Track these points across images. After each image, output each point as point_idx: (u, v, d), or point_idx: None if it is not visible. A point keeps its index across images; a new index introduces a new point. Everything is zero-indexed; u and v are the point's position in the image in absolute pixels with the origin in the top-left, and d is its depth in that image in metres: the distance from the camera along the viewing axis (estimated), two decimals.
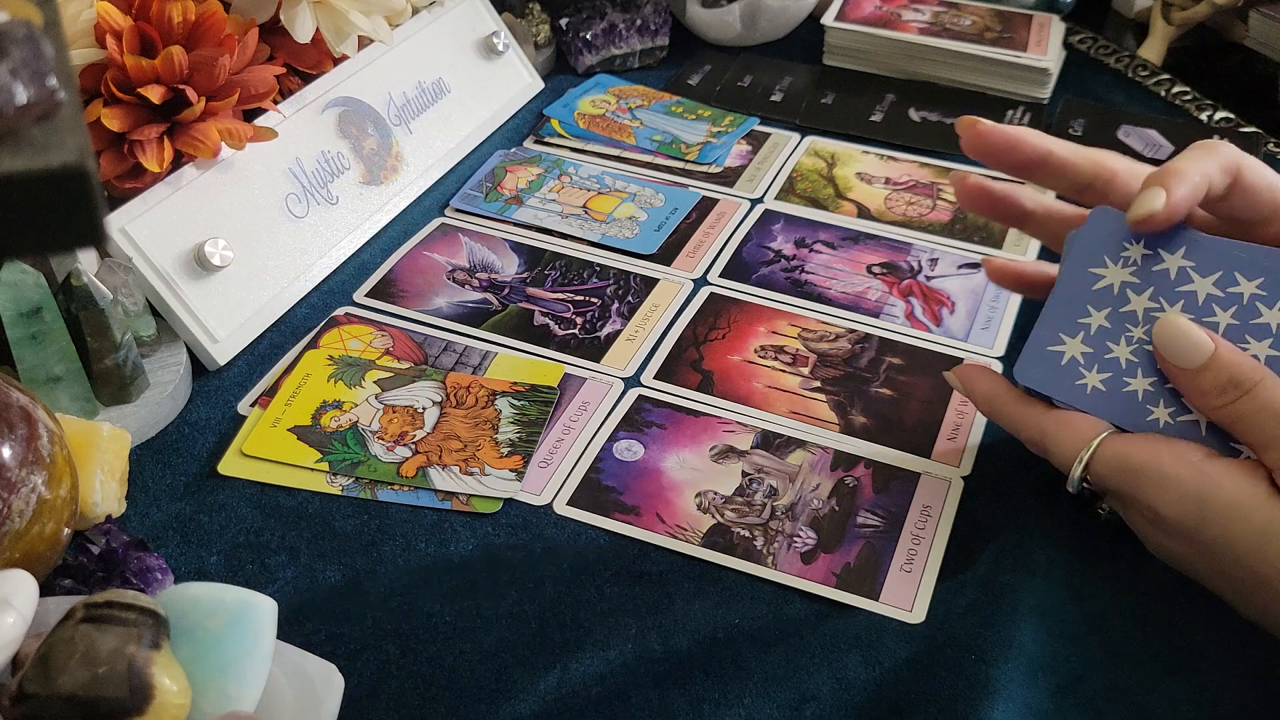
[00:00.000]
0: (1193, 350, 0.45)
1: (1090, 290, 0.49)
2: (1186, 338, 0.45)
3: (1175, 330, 0.46)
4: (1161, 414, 0.47)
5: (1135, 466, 0.46)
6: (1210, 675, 0.46)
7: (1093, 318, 0.48)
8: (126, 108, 0.59)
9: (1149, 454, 0.46)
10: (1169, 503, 0.45)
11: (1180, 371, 0.46)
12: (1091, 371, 0.48)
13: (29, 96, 0.26)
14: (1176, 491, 0.45)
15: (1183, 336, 0.45)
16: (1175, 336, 0.45)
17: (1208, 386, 0.45)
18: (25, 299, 0.52)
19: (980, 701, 0.44)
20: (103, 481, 0.51)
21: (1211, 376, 0.45)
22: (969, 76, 0.86)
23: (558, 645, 0.48)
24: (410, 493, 0.54)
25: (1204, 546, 0.45)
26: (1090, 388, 0.48)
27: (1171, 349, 0.46)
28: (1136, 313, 0.48)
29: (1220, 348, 0.45)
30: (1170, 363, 0.46)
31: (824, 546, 0.52)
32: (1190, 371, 0.45)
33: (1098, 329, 0.48)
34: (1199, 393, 0.45)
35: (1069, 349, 0.49)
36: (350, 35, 0.68)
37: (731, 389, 0.60)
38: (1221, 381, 0.44)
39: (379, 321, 0.65)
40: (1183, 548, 0.46)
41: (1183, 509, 0.44)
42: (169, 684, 0.37)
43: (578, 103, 0.84)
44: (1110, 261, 0.48)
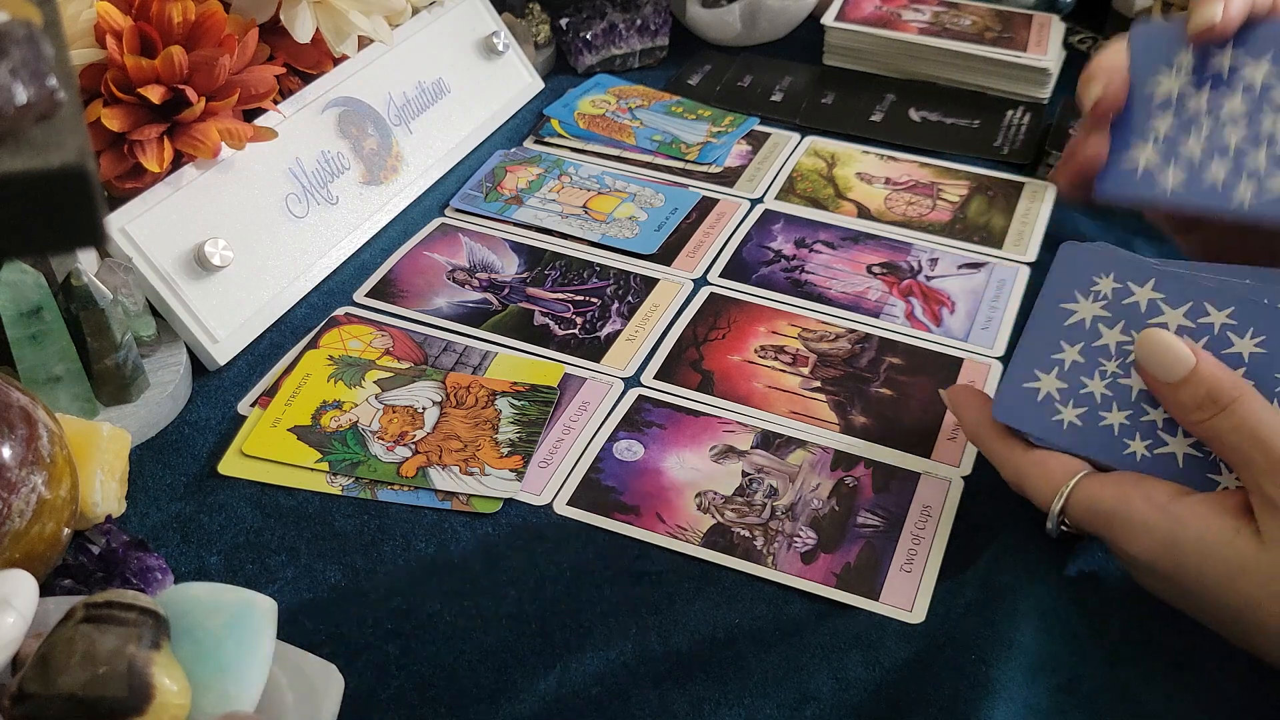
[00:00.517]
0: (1174, 363, 0.45)
1: (1062, 326, 0.49)
2: (1168, 350, 0.45)
3: (1158, 343, 0.45)
4: (1138, 447, 0.47)
5: (1106, 511, 0.46)
6: (1210, 675, 0.46)
7: (1066, 353, 0.49)
8: (126, 108, 0.59)
9: (1118, 498, 0.46)
10: (1140, 547, 0.45)
11: (1161, 385, 0.45)
12: (1067, 407, 0.48)
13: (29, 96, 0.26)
14: (1146, 535, 0.45)
15: (1165, 349, 0.45)
16: (1157, 349, 0.45)
17: (1187, 400, 0.45)
18: (25, 299, 0.52)
19: (980, 701, 0.44)
20: (103, 481, 0.51)
21: (1190, 391, 0.44)
22: (969, 76, 0.86)
23: (558, 645, 0.48)
24: (410, 493, 0.54)
25: (1179, 585, 0.45)
26: (1067, 423, 0.48)
27: (1153, 361, 0.45)
28: (1109, 346, 0.48)
29: (1201, 361, 0.44)
30: (1151, 376, 0.46)
31: (824, 546, 0.52)
32: (1171, 385, 0.45)
33: (1071, 364, 0.48)
34: (1179, 407, 0.45)
35: (1044, 385, 0.49)
36: (350, 35, 0.68)
37: (731, 389, 0.60)
38: (1199, 396, 0.44)
39: (379, 321, 0.65)
40: (1163, 586, 0.46)
41: (1154, 552, 0.45)
42: (169, 684, 0.37)
43: (578, 103, 0.84)
44: (1081, 296, 0.49)
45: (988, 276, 0.69)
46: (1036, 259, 0.70)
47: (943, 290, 0.67)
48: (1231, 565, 0.43)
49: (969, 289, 0.68)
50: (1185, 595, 0.45)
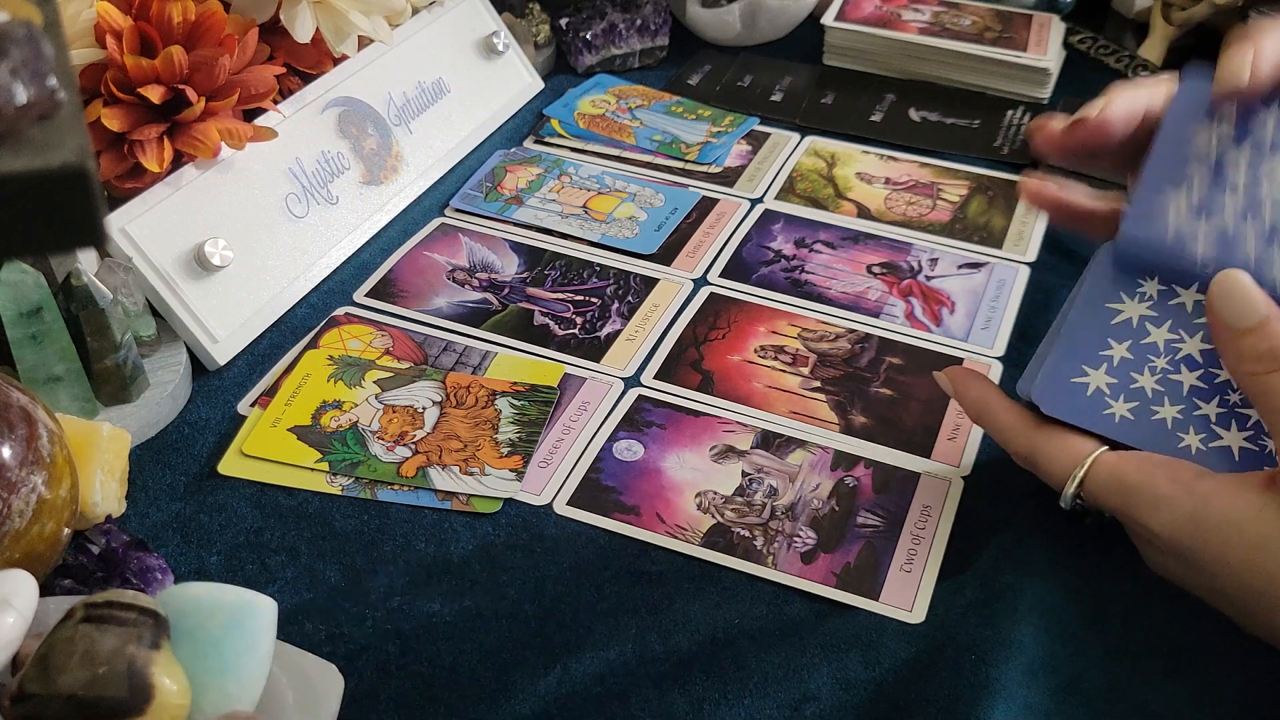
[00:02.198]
0: (1248, 310, 0.44)
1: (1109, 325, 0.49)
2: (1245, 296, 0.45)
3: (1235, 287, 0.45)
4: (1193, 440, 0.47)
5: (1129, 486, 0.46)
6: (1210, 675, 0.46)
7: (1114, 350, 0.49)
8: (126, 108, 0.59)
9: (1143, 474, 0.46)
10: (1163, 523, 0.45)
11: (1226, 330, 0.45)
12: (1118, 401, 0.48)
13: (29, 96, 0.26)
14: (1170, 512, 0.45)
15: (1241, 294, 0.45)
16: (1233, 293, 0.45)
17: (1247, 350, 0.44)
18: (25, 299, 0.52)
19: (980, 701, 0.44)
20: (103, 481, 0.51)
21: (1254, 341, 0.44)
22: (969, 76, 0.86)
23: (558, 645, 0.48)
24: (410, 493, 0.54)
25: (1200, 564, 0.45)
26: (1119, 417, 0.48)
27: (1226, 304, 0.45)
28: (1158, 344, 0.48)
29: (1273, 315, 0.44)
30: (1220, 317, 0.45)
31: (824, 546, 0.52)
32: (1236, 331, 0.45)
33: (1120, 360, 0.48)
34: (1238, 355, 0.45)
35: (1093, 380, 0.49)
36: (350, 35, 0.68)
37: (731, 389, 0.60)
38: (1262, 349, 0.44)
39: (379, 321, 0.65)
40: (1180, 566, 0.46)
41: (1177, 529, 0.45)
42: (169, 684, 0.37)
43: (578, 103, 0.84)
44: (1126, 297, 0.49)
45: (988, 276, 0.69)
46: (1036, 259, 0.70)
47: (943, 290, 0.67)
48: (1256, 542, 0.43)
49: (969, 289, 0.68)
50: (1203, 575, 0.45)
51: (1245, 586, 0.44)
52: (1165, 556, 0.47)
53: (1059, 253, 0.71)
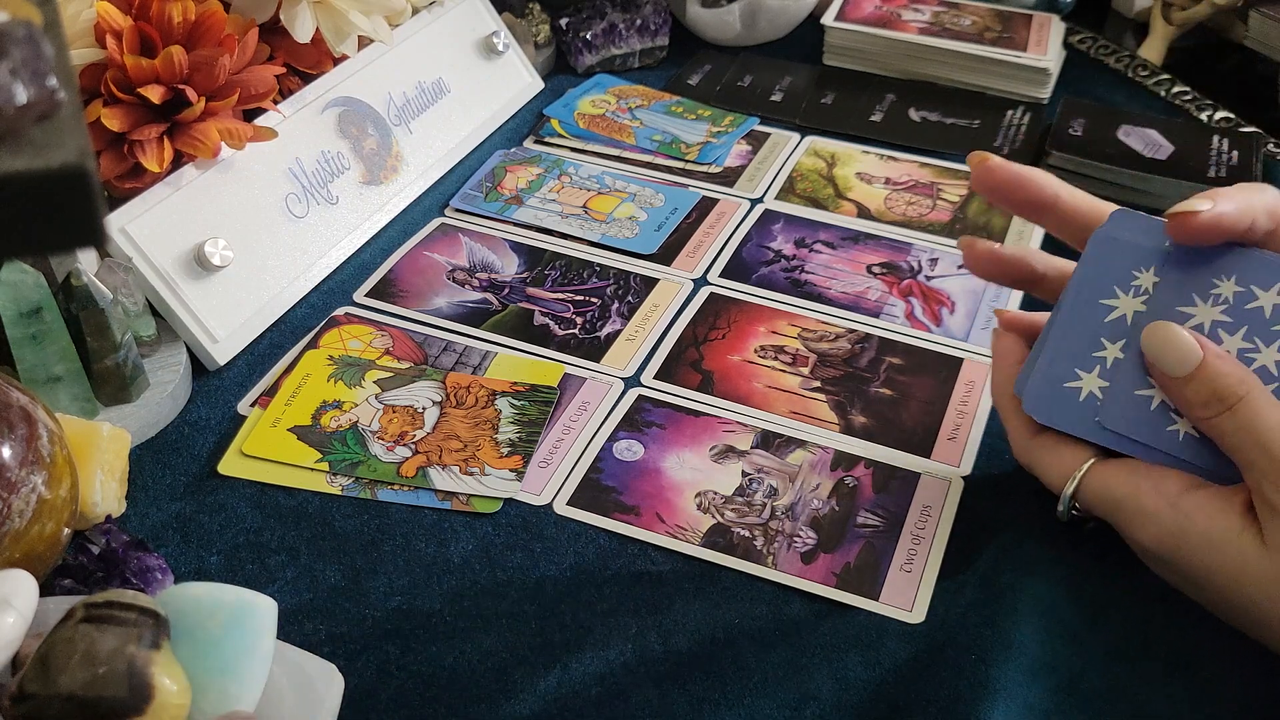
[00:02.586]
0: (1181, 358, 0.44)
1: (1102, 322, 0.47)
2: (1175, 345, 0.44)
3: (1165, 335, 0.45)
4: (1183, 425, 0.45)
5: (1116, 499, 0.46)
6: (1210, 675, 0.46)
7: (1108, 350, 0.47)
8: (126, 108, 0.59)
9: (1129, 487, 0.46)
10: (1149, 537, 0.45)
11: (1169, 380, 0.45)
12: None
13: (29, 96, 0.26)
14: (1155, 526, 0.45)
15: (1173, 343, 0.44)
16: (1165, 342, 0.45)
17: (1192, 397, 0.44)
18: (25, 299, 0.52)
19: (980, 701, 0.44)
20: (103, 481, 0.51)
21: (1195, 388, 0.44)
22: (969, 76, 0.86)
23: (558, 645, 0.48)
24: (410, 493, 0.54)
25: (1186, 576, 0.45)
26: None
27: (1160, 355, 0.45)
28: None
29: (1208, 357, 0.44)
30: (1158, 369, 0.45)
31: (824, 546, 0.52)
32: (1177, 380, 0.44)
33: (1114, 362, 0.47)
34: (1185, 403, 0.45)
35: (1085, 384, 0.47)
36: (350, 35, 0.68)
37: (731, 389, 0.60)
38: (1205, 394, 0.43)
39: (379, 321, 0.65)
40: (1171, 574, 0.47)
41: (1161, 543, 0.45)
42: (169, 684, 0.37)
43: (578, 103, 0.84)
44: (1121, 291, 0.47)
45: None
46: None
47: (943, 290, 0.67)
48: (1235, 564, 0.43)
49: (969, 289, 0.68)
50: (1191, 585, 0.46)
51: (1228, 602, 0.44)
52: (1158, 565, 0.47)
53: (1059, 253, 0.70)
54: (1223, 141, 0.78)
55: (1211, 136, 0.78)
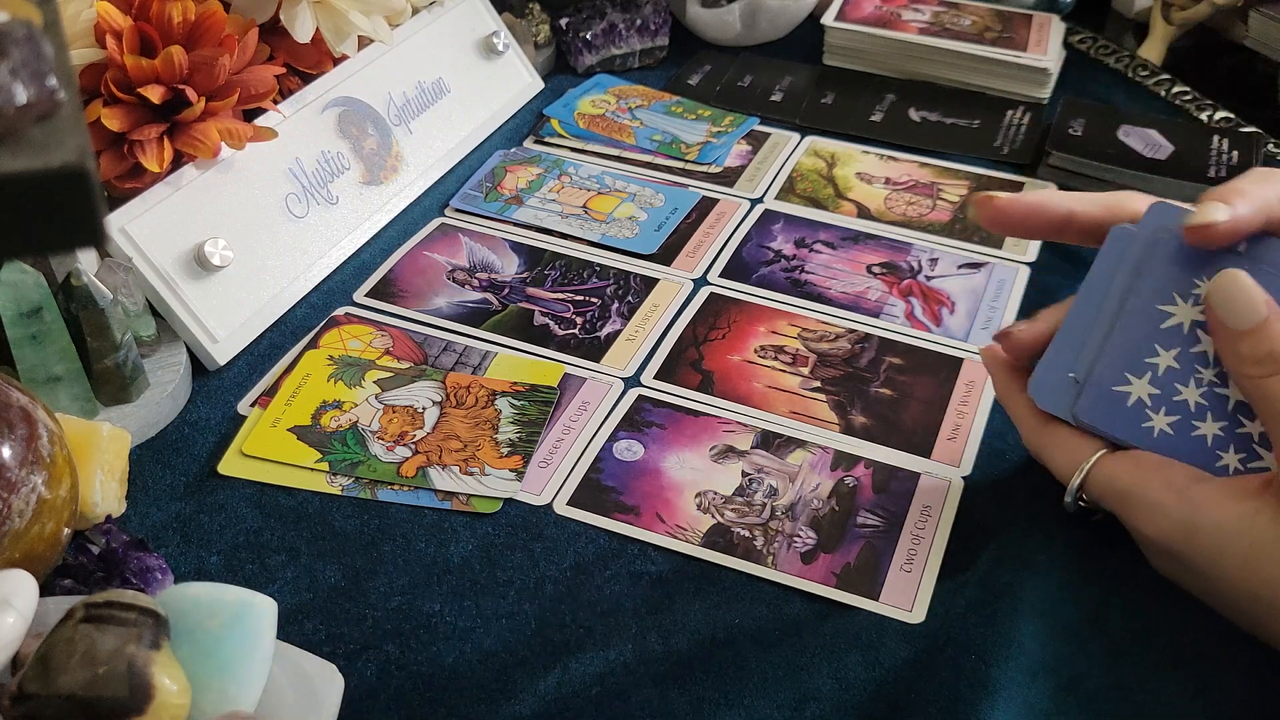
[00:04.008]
0: (1247, 311, 0.44)
1: (1158, 329, 0.47)
2: (1245, 296, 0.44)
3: (1235, 286, 0.44)
4: (1231, 460, 0.45)
5: (1123, 492, 0.46)
6: (1210, 674, 0.46)
7: (1161, 358, 0.47)
8: (126, 108, 0.59)
9: (1136, 479, 0.46)
10: (1157, 529, 0.45)
11: (1225, 330, 0.44)
12: (1159, 414, 0.46)
13: (29, 96, 0.26)
14: (1163, 518, 0.45)
15: (1241, 294, 0.44)
16: (1233, 292, 0.44)
17: (1246, 352, 0.44)
18: (25, 299, 0.52)
19: (980, 701, 0.44)
20: (103, 481, 0.51)
21: (1253, 343, 0.43)
22: (969, 76, 0.86)
23: (558, 645, 0.48)
24: (410, 493, 0.54)
25: (1194, 568, 0.45)
26: (1157, 431, 0.46)
27: (1225, 304, 0.44)
28: (1208, 354, 0.46)
29: (1273, 317, 0.43)
30: (1218, 318, 0.44)
31: (824, 546, 0.52)
32: (1234, 333, 0.44)
33: (1166, 370, 0.46)
34: (1237, 357, 0.44)
35: (1135, 389, 0.47)
36: (350, 35, 0.68)
37: (731, 389, 0.60)
38: (1261, 352, 0.43)
39: (379, 321, 0.65)
40: (1177, 568, 0.46)
41: (1170, 535, 0.45)
42: (169, 684, 0.37)
43: (578, 103, 0.84)
44: (1180, 299, 0.47)
45: (987, 276, 0.69)
46: (1036, 259, 0.70)
47: (943, 290, 0.67)
48: (1249, 548, 0.43)
49: (969, 289, 0.68)
50: (1199, 579, 0.45)
51: (1240, 592, 0.44)
52: (1160, 559, 0.47)
53: (1059, 253, 0.71)
54: (1223, 141, 0.78)
55: (1211, 136, 0.78)
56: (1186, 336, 0.47)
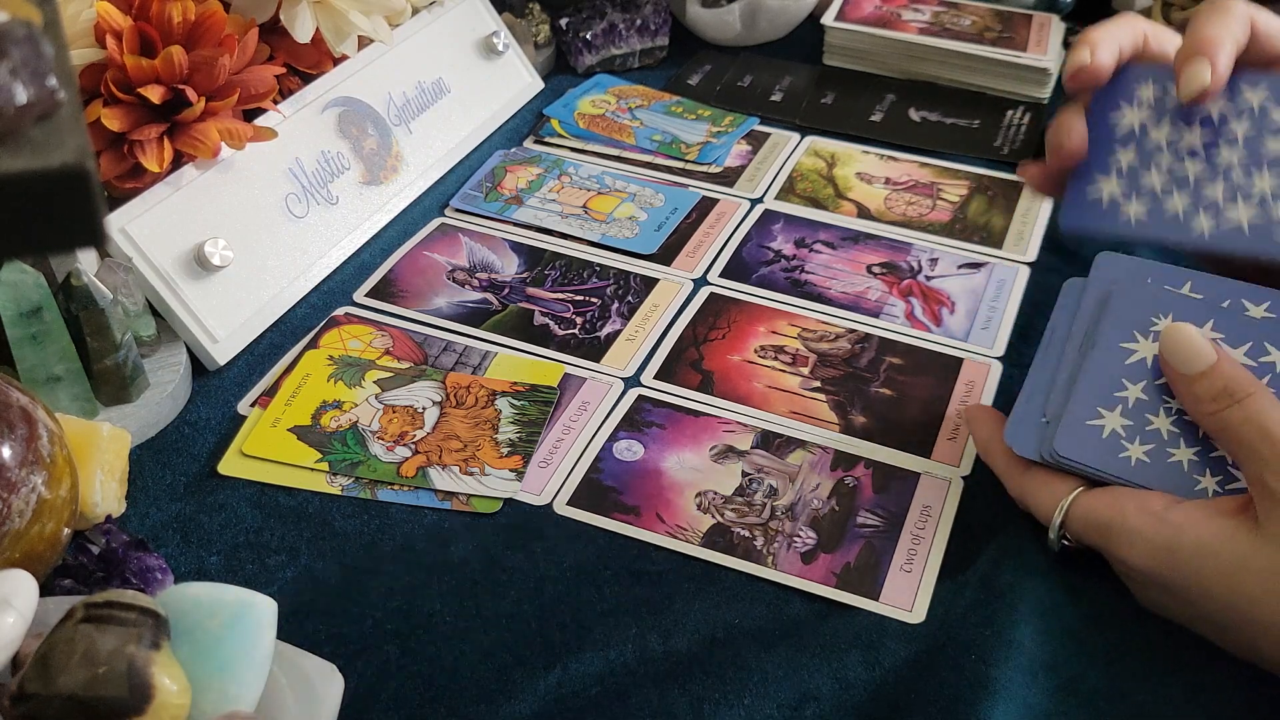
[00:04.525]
0: (1196, 357, 0.46)
1: (1123, 365, 0.49)
2: (1191, 345, 0.47)
3: (1182, 337, 0.47)
4: (1209, 483, 0.47)
5: (1103, 523, 0.47)
6: (1210, 675, 0.46)
7: (1129, 391, 0.49)
8: (126, 108, 0.59)
9: (1114, 510, 0.46)
10: (1138, 556, 0.45)
11: (1180, 376, 0.47)
12: (1134, 444, 0.48)
13: (29, 96, 0.26)
14: (1143, 544, 0.45)
15: (1189, 344, 0.47)
16: (1181, 343, 0.47)
17: (1202, 393, 0.46)
18: (25, 299, 0.52)
19: (980, 701, 0.44)
20: (103, 481, 0.51)
21: (1207, 384, 0.46)
22: (969, 76, 0.86)
23: (558, 645, 0.48)
24: (410, 493, 0.54)
25: (1179, 593, 0.45)
26: (1134, 460, 0.48)
27: (1176, 354, 0.47)
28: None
29: (1222, 359, 0.46)
30: (1173, 367, 0.47)
31: (824, 546, 0.52)
32: (1188, 378, 0.46)
33: (1135, 401, 0.49)
34: (1193, 398, 0.46)
35: (1108, 422, 0.49)
36: (350, 35, 0.68)
37: (731, 389, 0.60)
38: (1216, 389, 0.45)
39: (379, 321, 0.65)
40: (1161, 596, 0.47)
41: (1152, 560, 0.45)
42: (169, 684, 0.37)
43: (578, 103, 0.84)
44: (1140, 336, 0.50)
45: (988, 276, 0.69)
46: (1036, 259, 0.70)
47: (943, 290, 0.67)
48: (1230, 564, 0.43)
49: (969, 289, 0.68)
50: (1185, 603, 0.46)
51: (1225, 610, 0.44)
52: (1145, 588, 0.47)
53: (1059, 253, 0.71)
54: None
55: None
56: (1151, 370, 0.49)
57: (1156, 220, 0.51)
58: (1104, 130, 0.53)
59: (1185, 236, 0.51)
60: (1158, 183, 0.51)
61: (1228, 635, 0.45)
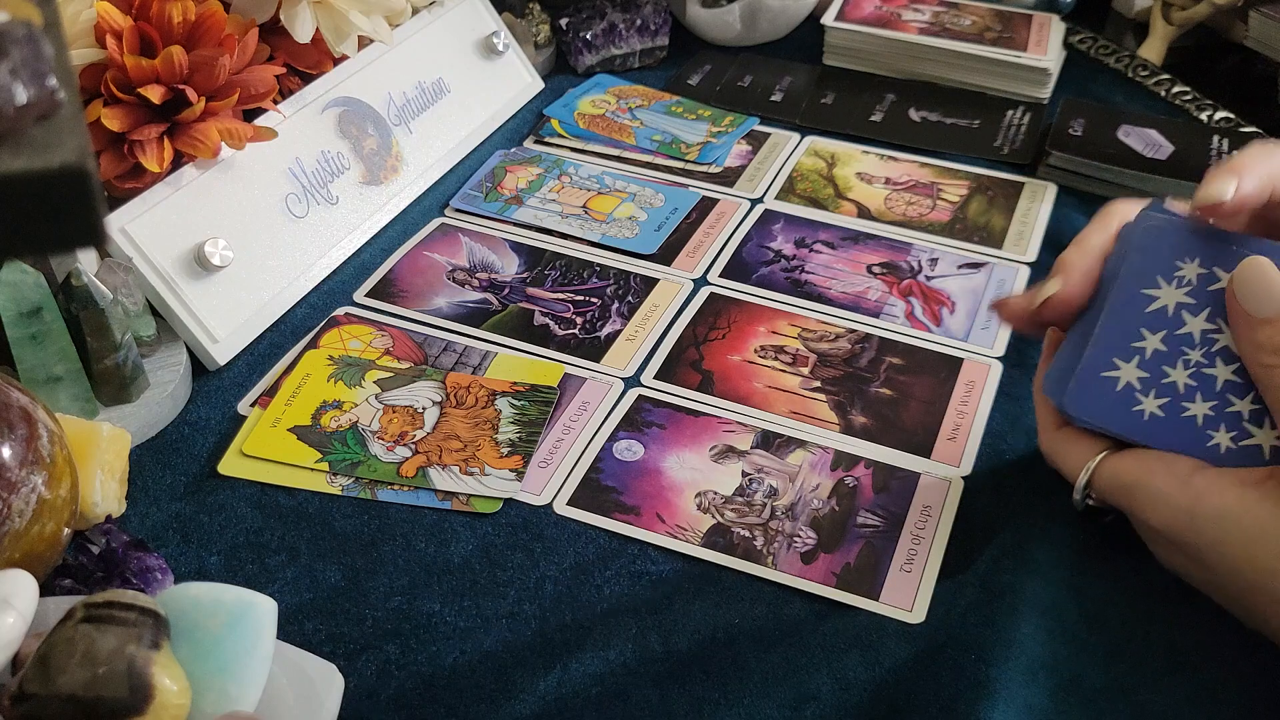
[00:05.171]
0: (1269, 299, 0.44)
1: (1143, 313, 0.47)
2: (1268, 285, 0.44)
3: (1259, 274, 0.44)
4: (1223, 439, 0.46)
5: (1128, 484, 0.46)
6: (1210, 675, 0.46)
7: (1148, 341, 0.47)
8: (126, 108, 0.59)
9: (1140, 470, 0.46)
10: (1161, 518, 0.45)
11: (1245, 317, 0.44)
12: (1149, 397, 0.47)
13: (29, 96, 0.26)
14: (1166, 507, 0.45)
15: (1265, 283, 0.44)
16: (1257, 280, 0.44)
17: (1265, 341, 0.44)
18: (25, 299, 0.52)
19: (980, 701, 0.44)
20: (103, 481, 0.51)
21: (1272, 332, 0.43)
22: (969, 76, 0.86)
23: (558, 645, 0.48)
24: (410, 493, 0.54)
25: (1198, 557, 0.45)
26: (1148, 414, 0.47)
27: (1247, 292, 0.44)
28: (1193, 335, 0.46)
29: None
30: (1239, 304, 0.44)
31: (824, 546, 0.52)
32: (1254, 320, 0.44)
33: (1153, 353, 0.47)
34: (1255, 345, 0.44)
35: (1124, 374, 0.47)
36: (350, 35, 0.68)
37: (731, 389, 0.60)
38: (1278, 342, 0.43)
39: (379, 321, 0.65)
40: (1181, 559, 0.47)
41: (1174, 523, 0.45)
42: (169, 684, 0.37)
43: (578, 103, 0.84)
44: (1164, 282, 0.47)
45: (988, 276, 0.69)
46: (1036, 259, 0.70)
47: (943, 290, 0.67)
48: (1251, 534, 0.43)
49: (969, 289, 0.68)
50: (1203, 568, 0.45)
51: (1243, 579, 0.44)
52: (1166, 550, 0.47)
53: (1059, 253, 0.70)
54: (1223, 141, 0.78)
55: (1211, 136, 0.78)
56: (1171, 319, 0.47)
57: (1172, 423, 0.46)
58: (1133, 306, 0.47)
59: (1199, 448, 0.46)
60: (1181, 381, 0.46)
61: (1240, 604, 0.45)
